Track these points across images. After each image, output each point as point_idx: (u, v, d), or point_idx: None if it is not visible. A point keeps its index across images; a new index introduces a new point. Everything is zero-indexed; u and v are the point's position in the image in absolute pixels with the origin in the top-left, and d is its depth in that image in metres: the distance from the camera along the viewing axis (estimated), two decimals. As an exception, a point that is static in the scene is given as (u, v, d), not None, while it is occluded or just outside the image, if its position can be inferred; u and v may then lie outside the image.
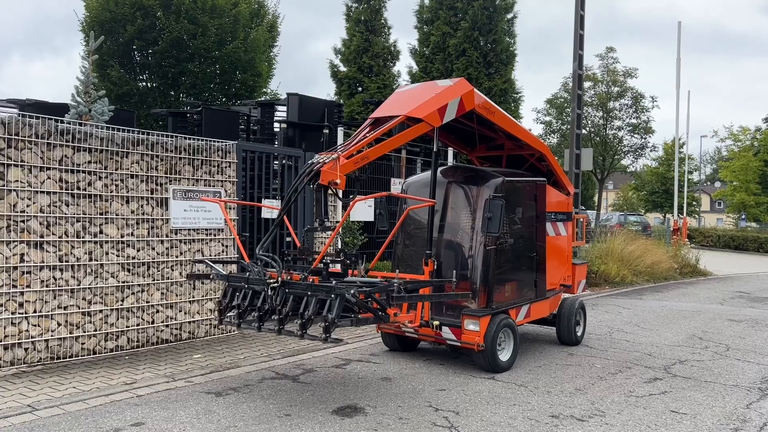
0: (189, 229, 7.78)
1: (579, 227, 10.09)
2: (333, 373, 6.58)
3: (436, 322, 6.56)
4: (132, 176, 7.24)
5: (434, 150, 6.72)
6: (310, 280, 5.16)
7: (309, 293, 4.99)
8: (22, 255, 6.35)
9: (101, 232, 6.96)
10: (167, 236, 7.56)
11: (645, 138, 35.56)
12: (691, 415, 5.50)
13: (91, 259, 6.85)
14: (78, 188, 6.78)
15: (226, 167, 8.24)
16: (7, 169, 6.27)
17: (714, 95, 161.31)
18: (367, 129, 6.09)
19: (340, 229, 10.16)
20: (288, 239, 9.09)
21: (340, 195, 5.73)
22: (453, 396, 5.84)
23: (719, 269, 20.74)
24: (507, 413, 5.40)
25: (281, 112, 13.32)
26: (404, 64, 40.36)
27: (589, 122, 34.67)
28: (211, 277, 6.06)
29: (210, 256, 7.93)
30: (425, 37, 22.61)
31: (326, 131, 11.96)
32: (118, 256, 7.08)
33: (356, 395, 5.79)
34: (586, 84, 32.96)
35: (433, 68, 21.74)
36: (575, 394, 6.02)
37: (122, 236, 7.12)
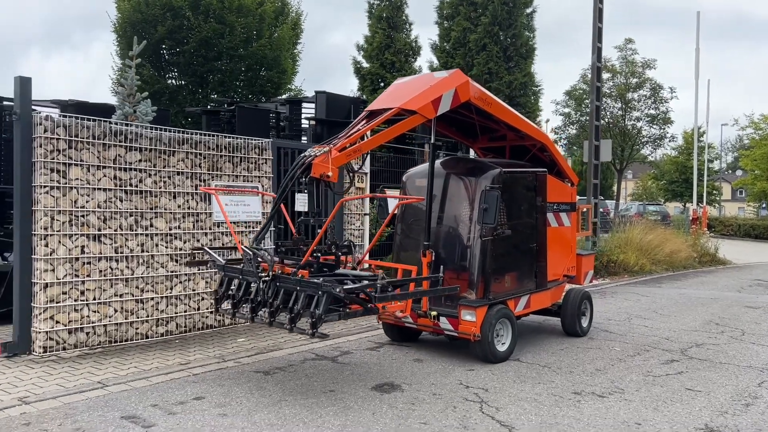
0: (230, 222, 8.27)
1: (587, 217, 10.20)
2: (368, 354, 7.06)
3: (434, 313, 6.65)
4: (178, 173, 7.77)
5: (432, 141, 6.65)
6: (300, 274, 5.24)
7: (298, 288, 5.12)
8: (82, 247, 6.91)
9: (151, 225, 7.50)
10: (210, 229, 8.09)
11: (663, 128, 35.57)
12: (705, 392, 5.90)
13: (143, 251, 7.40)
14: (130, 185, 7.32)
15: (262, 163, 8.74)
16: (68, 168, 6.82)
17: (736, 83, 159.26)
18: (363, 121, 6.08)
19: (364, 223, 10.63)
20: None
21: (333, 187, 5.88)
22: (482, 375, 6.30)
23: (738, 258, 20.91)
24: (533, 390, 5.85)
25: (307, 109, 13.79)
26: (425, 59, 40.68)
27: (608, 113, 34.73)
28: (208, 264, 6.17)
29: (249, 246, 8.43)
30: (446, 32, 22.99)
31: (352, 127, 12.39)
32: (166, 247, 7.62)
33: (392, 374, 6.27)
34: (605, 75, 33.01)
35: (453, 63, 22.10)
36: (596, 374, 6.44)
37: (170, 229, 7.66)
